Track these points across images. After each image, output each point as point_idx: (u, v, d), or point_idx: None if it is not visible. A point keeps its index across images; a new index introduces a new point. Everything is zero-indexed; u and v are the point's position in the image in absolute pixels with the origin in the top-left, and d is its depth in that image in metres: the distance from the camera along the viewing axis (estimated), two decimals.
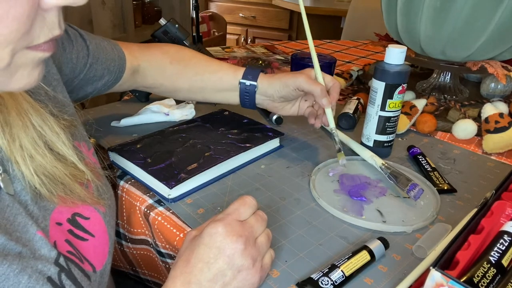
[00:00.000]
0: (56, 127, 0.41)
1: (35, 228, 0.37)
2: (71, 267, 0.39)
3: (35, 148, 0.39)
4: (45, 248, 0.37)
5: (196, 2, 2.03)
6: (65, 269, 0.38)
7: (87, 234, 0.44)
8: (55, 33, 0.32)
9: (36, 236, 0.37)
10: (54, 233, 0.40)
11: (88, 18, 1.52)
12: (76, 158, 0.43)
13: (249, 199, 0.44)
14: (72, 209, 0.43)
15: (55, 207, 0.41)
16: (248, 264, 0.40)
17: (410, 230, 0.53)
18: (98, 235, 0.45)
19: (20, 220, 0.37)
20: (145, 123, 0.77)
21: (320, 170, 0.65)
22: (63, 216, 0.42)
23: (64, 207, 0.42)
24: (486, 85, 0.91)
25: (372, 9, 1.90)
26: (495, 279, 0.37)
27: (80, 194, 0.43)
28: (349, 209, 0.56)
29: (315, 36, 0.80)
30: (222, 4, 3.16)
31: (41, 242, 0.37)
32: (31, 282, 0.34)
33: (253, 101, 0.69)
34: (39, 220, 0.39)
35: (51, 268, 0.36)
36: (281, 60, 1.19)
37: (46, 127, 0.41)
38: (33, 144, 0.39)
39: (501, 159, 0.72)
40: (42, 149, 0.40)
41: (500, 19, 0.70)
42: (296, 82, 0.64)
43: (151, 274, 0.62)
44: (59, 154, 0.42)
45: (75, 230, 0.42)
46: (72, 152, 0.42)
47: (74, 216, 0.43)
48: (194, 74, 0.69)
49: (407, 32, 0.83)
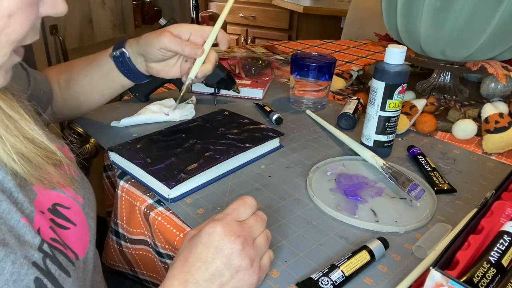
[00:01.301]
0: (25, 115, 0.43)
1: (19, 215, 0.38)
2: (55, 253, 0.39)
3: (6, 130, 0.40)
4: (28, 235, 0.37)
5: (196, 2, 2.03)
6: (50, 255, 0.38)
7: (69, 223, 0.44)
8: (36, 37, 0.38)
9: (20, 223, 0.37)
10: (39, 220, 0.40)
11: (88, 18, 1.52)
12: (47, 139, 0.44)
13: (249, 200, 0.44)
14: (52, 198, 0.44)
15: (36, 197, 0.42)
16: (246, 265, 0.40)
17: (403, 231, 0.53)
18: (79, 225, 0.45)
19: (4, 206, 0.37)
20: (145, 123, 0.77)
21: (319, 169, 0.65)
22: (44, 206, 0.42)
23: (44, 195, 0.43)
24: (486, 85, 0.91)
25: (372, 9, 1.90)
26: (495, 279, 0.37)
27: (54, 174, 0.44)
28: (343, 207, 0.56)
29: (315, 36, 0.80)
30: (222, 4, 3.15)
31: (25, 228, 0.37)
32: (15, 268, 0.35)
33: (133, 70, 0.67)
34: (24, 207, 0.39)
35: (35, 254, 0.37)
36: (281, 60, 1.19)
37: (15, 114, 0.42)
38: (4, 127, 0.40)
39: (501, 159, 0.72)
40: (12, 131, 0.41)
41: (500, 19, 0.70)
42: (160, 42, 0.62)
43: (150, 275, 0.62)
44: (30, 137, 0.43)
45: (57, 219, 0.43)
46: (42, 133, 0.44)
47: (54, 206, 0.43)
48: (78, 71, 0.70)
49: (407, 32, 0.83)
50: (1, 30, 0.33)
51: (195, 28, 0.64)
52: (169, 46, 0.62)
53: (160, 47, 0.62)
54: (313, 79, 0.85)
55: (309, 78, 0.85)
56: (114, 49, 0.67)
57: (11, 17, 0.33)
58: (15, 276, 0.34)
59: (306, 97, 0.87)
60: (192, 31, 0.64)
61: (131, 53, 0.67)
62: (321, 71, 0.84)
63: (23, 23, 0.34)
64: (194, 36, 0.64)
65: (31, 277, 0.35)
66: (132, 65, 0.67)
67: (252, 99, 0.93)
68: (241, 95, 0.93)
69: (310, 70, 0.84)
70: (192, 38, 0.64)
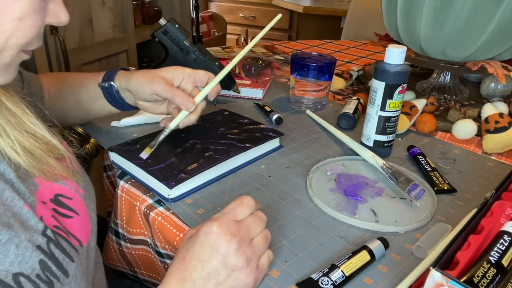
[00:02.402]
0: (27, 110, 0.44)
1: (22, 202, 0.38)
2: (58, 239, 0.40)
3: (9, 125, 0.41)
4: (32, 220, 0.38)
5: (196, 2, 2.03)
6: (53, 240, 0.39)
7: (72, 212, 0.45)
8: (40, 44, 0.40)
9: (23, 209, 0.38)
10: (41, 209, 0.41)
11: (88, 18, 1.52)
12: (48, 134, 0.45)
13: (247, 200, 0.44)
14: (54, 189, 0.44)
15: (37, 189, 0.42)
16: (242, 264, 0.40)
17: (403, 231, 0.53)
18: (82, 214, 0.46)
19: (7, 194, 0.38)
20: (145, 123, 0.77)
21: (319, 169, 0.65)
22: (45, 196, 0.43)
23: (46, 187, 0.43)
24: (486, 85, 0.91)
25: (372, 9, 1.90)
26: (495, 279, 0.37)
27: (56, 167, 0.44)
28: (343, 207, 0.56)
29: (315, 36, 0.80)
30: (222, 4, 3.16)
31: (28, 215, 0.38)
32: (19, 250, 0.35)
33: (121, 101, 0.67)
34: (26, 196, 0.40)
35: (39, 238, 0.37)
36: (281, 60, 1.19)
37: (17, 109, 0.43)
38: (7, 122, 0.41)
39: (501, 159, 0.72)
40: (15, 125, 0.42)
41: (500, 19, 0.70)
42: (152, 88, 0.61)
43: (150, 275, 0.62)
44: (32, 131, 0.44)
45: (59, 209, 0.43)
46: (44, 128, 0.45)
47: (56, 197, 0.44)
48: (67, 88, 0.69)
49: (407, 32, 0.83)
50: (12, 33, 0.35)
51: (188, 74, 0.63)
52: (160, 93, 0.61)
53: (152, 93, 0.62)
54: (313, 79, 0.85)
55: (309, 78, 0.85)
56: (103, 80, 0.66)
57: (21, 21, 0.35)
58: (20, 258, 0.35)
59: (306, 97, 0.87)
60: (185, 76, 0.62)
61: (119, 87, 0.65)
62: (321, 71, 0.84)
63: (32, 27, 0.36)
64: (186, 82, 0.63)
65: (35, 259, 0.36)
66: (119, 97, 0.66)
67: (252, 99, 0.93)
68: (241, 95, 0.93)
69: (310, 70, 0.84)
70: (183, 84, 0.63)
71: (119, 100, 0.67)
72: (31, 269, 0.36)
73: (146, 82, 0.62)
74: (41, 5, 0.37)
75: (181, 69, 0.63)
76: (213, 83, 0.62)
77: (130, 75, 0.64)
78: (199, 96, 0.62)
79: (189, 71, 0.63)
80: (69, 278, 0.39)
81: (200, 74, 0.63)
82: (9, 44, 0.36)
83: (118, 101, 0.67)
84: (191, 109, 0.60)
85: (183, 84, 0.63)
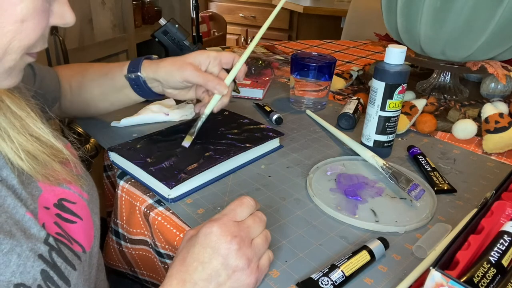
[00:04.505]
0: (32, 113, 0.43)
1: (24, 209, 0.38)
2: (61, 247, 0.40)
3: (13, 128, 0.41)
4: (34, 228, 0.38)
5: (196, 2, 2.03)
6: (55, 248, 0.39)
7: (75, 217, 0.44)
8: (45, 46, 0.39)
9: (26, 216, 0.38)
10: (43, 215, 0.40)
11: (88, 18, 1.52)
12: (53, 137, 0.45)
13: (247, 200, 0.44)
14: (58, 194, 0.44)
15: (41, 193, 0.42)
16: (242, 265, 0.40)
17: (403, 231, 0.53)
18: (85, 219, 0.46)
19: (9, 202, 0.38)
20: (145, 123, 0.77)
21: (319, 169, 0.65)
22: (49, 201, 0.43)
23: (50, 191, 0.43)
24: (486, 85, 0.90)
25: (372, 9, 1.90)
26: (495, 279, 0.37)
27: (60, 171, 0.44)
28: (343, 207, 0.56)
29: (315, 36, 0.80)
30: (222, 4, 3.16)
31: (30, 222, 0.38)
32: (21, 260, 0.35)
33: (148, 91, 0.67)
34: (28, 203, 0.40)
35: (41, 247, 0.37)
36: (281, 60, 1.19)
37: (22, 112, 0.42)
38: (11, 126, 0.41)
39: (501, 159, 0.72)
40: (19, 129, 0.41)
41: (500, 19, 0.70)
42: (183, 75, 0.61)
43: (150, 275, 0.62)
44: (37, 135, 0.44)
45: (63, 214, 0.43)
46: (48, 131, 0.44)
47: (60, 201, 0.44)
48: (91, 80, 0.70)
49: (407, 32, 0.83)
50: (14, 36, 0.35)
51: (213, 57, 0.63)
52: (192, 79, 0.61)
53: (182, 80, 0.62)
54: (313, 79, 0.85)
55: (309, 78, 0.85)
56: (129, 71, 0.66)
57: (23, 23, 0.34)
58: (22, 268, 0.35)
59: (306, 97, 0.87)
60: (211, 60, 0.63)
61: (147, 78, 0.66)
62: (321, 71, 0.84)
63: (35, 29, 0.35)
64: (212, 65, 0.63)
65: (37, 269, 0.36)
66: (147, 87, 0.67)
67: (252, 99, 0.93)
68: (241, 95, 0.93)
69: (310, 70, 0.84)
70: (210, 68, 0.63)
71: (146, 90, 0.67)
72: (32, 280, 0.35)
73: (176, 70, 0.62)
74: (44, 6, 0.36)
75: (206, 53, 0.63)
76: (239, 63, 0.62)
77: (157, 65, 0.64)
78: (228, 77, 0.62)
79: (214, 54, 0.63)
80: (71, 287, 0.39)
81: (225, 56, 0.63)
82: (12, 47, 0.35)
83: (146, 90, 0.67)
84: (224, 93, 0.61)
85: (210, 68, 0.63)
